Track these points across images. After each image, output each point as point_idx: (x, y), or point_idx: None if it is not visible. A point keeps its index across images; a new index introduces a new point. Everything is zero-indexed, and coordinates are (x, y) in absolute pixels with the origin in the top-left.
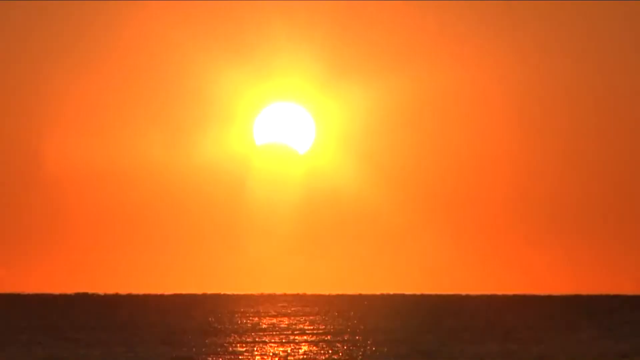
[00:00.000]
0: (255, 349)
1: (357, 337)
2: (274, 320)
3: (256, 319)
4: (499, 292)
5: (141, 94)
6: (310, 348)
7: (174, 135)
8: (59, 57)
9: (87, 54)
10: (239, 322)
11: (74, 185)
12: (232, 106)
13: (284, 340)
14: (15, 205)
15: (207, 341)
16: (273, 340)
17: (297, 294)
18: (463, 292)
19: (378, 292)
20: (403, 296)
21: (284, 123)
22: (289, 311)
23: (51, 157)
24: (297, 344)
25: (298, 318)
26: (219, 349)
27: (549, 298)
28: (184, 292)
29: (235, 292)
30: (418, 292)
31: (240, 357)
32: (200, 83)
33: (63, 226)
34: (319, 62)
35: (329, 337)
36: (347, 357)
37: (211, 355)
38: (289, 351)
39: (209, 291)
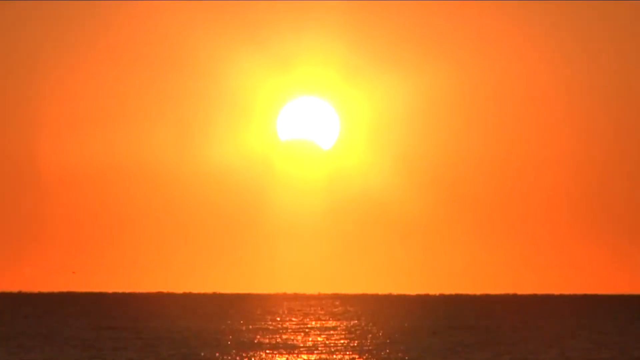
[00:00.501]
0: None
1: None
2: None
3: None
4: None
5: (161, 89)
6: None
7: (194, 132)
8: (61, 50)
9: (100, 51)
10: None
11: (96, 182)
12: (255, 100)
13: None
14: (14, 203)
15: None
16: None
17: (319, 294)
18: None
19: (403, 293)
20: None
21: (308, 118)
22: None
23: (60, 157)
24: None
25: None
26: None
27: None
28: (215, 291)
29: (260, 292)
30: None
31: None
32: (222, 77)
33: (79, 225)
34: (345, 54)
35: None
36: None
37: None
38: None
39: (226, 291)
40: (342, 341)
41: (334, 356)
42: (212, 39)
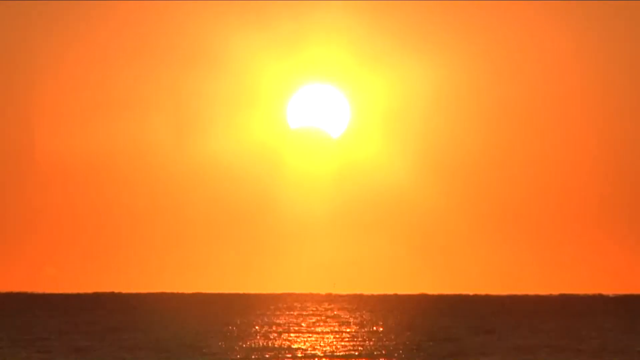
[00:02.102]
0: None
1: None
2: None
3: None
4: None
5: (158, 75)
6: None
7: (196, 122)
8: (57, 41)
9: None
10: None
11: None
12: (261, 86)
13: None
14: (13, 200)
15: None
16: None
17: (328, 294)
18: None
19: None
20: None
21: (318, 105)
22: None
23: (59, 149)
24: None
25: None
26: None
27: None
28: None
29: (267, 292)
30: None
31: None
32: (224, 61)
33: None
34: (356, 39)
35: None
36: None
37: None
38: None
39: (232, 291)
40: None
41: None
42: (213, 19)
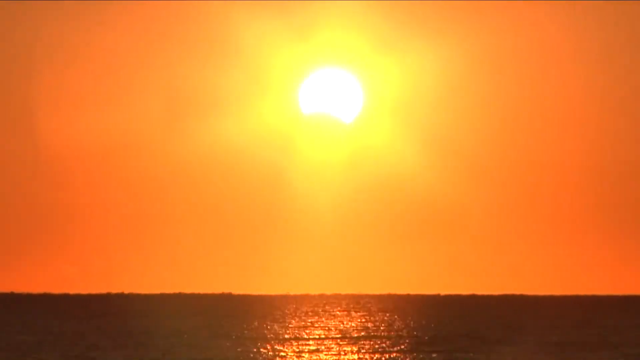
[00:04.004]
0: None
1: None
2: None
3: None
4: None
5: (160, 56)
6: None
7: (209, 109)
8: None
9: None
10: None
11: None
12: (275, 72)
13: None
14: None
15: None
16: None
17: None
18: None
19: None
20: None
21: (330, 89)
22: None
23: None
24: None
25: None
26: None
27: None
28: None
29: (276, 293)
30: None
31: None
32: (240, 47)
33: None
34: (370, 23)
35: None
36: None
37: None
38: None
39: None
40: None
41: None
42: (223, 2)
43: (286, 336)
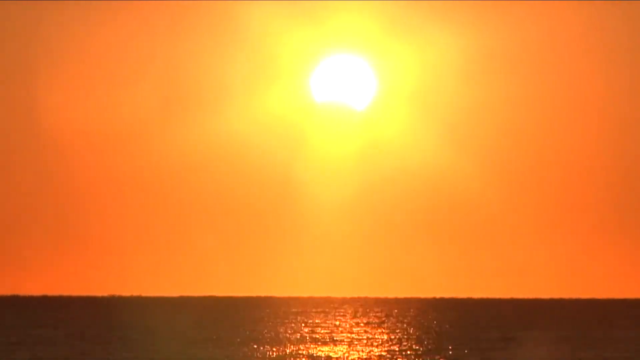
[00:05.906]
0: None
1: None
2: None
3: None
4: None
5: (178, 46)
6: None
7: (215, 96)
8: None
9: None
10: None
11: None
12: (285, 58)
13: None
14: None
15: None
16: None
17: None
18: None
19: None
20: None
21: (343, 78)
22: None
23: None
24: None
25: None
26: None
27: None
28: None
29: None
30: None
31: None
32: (248, 32)
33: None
34: (383, 7)
35: None
36: None
37: None
38: None
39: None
40: None
41: None
42: None
43: (292, 338)
